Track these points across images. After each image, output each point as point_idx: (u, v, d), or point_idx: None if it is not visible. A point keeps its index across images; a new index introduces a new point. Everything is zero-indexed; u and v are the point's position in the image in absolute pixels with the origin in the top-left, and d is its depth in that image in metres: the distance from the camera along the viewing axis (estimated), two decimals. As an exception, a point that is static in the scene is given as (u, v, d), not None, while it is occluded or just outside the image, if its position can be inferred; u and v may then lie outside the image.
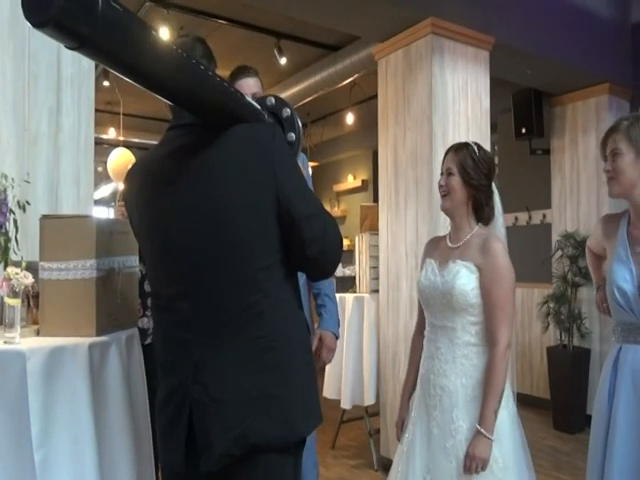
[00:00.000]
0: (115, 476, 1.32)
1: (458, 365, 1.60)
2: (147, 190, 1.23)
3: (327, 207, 8.01)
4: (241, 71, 1.93)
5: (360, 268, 3.73)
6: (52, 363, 1.23)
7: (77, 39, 0.78)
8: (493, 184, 1.72)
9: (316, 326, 2.00)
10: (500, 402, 1.55)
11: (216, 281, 1.14)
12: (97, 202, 10.14)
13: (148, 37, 0.90)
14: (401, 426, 1.79)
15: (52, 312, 1.41)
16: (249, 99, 1.28)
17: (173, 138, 1.24)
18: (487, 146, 3.41)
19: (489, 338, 1.59)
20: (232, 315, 1.13)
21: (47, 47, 1.94)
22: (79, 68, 2.02)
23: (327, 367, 3.55)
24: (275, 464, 1.14)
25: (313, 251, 1.15)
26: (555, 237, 4.47)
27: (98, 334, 1.39)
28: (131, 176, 1.30)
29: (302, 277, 1.91)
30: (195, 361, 1.14)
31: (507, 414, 1.59)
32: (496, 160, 5.43)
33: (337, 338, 1.97)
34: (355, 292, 3.73)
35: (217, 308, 1.14)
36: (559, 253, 4.28)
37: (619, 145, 1.56)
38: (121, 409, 1.37)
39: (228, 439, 1.10)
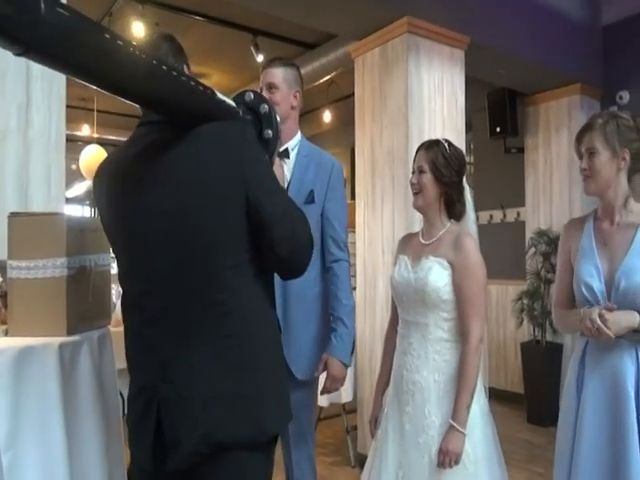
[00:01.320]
0: (86, 477, 1.30)
1: (430, 361, 1.62)
2: (116, 188, 1.23)
3: (305, 205, 8.01)
4: (270, 60, 1.89)
5: (337, 266, 3.73)
6: (21, 363, 1.21)
7: (20, 45, 0.76)
8: (464, 180, 1.73)
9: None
10: (473, 397, 1.57)
11: (183, 279, 1.14)
12: (71, 200, 9.95)
13: (102, 40, 0.89)
14: (374, 423, 1.80)
15: (21, 311, 1.38)
16: (221, 96, 1.26)
17: (142, 135, 1.23)
18: (462, 144, 3.45)
19: (461, 333, 1.60)
20: (199, 313, 1.13)
21: (16, 41, 1.89)
22: (49, 63, 1.98)
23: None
24: (244, 461, 1.14)
25: (282, 251, 1.15)
26: (529, 234, 4.55)
27: (69, 334, 1.37)
28: (100, 174, 1.29)
29: (317, 287, 1.80)
30: (163, 359, 1.14)
31: (478, 408, 1.61)
32: (471, 159, 5.50)
33: (347, 367, 1.80)
34: (332, 290, 3.73)
35: (184, 306, 1.14)
36: (532, 250, 4.35)
37: (595, 144, 1.56)
38: (92, 409, 1.36)
39: (195, 437, 1.10)
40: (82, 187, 9.22)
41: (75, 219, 1.50)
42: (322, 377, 1.83)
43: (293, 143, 1.90)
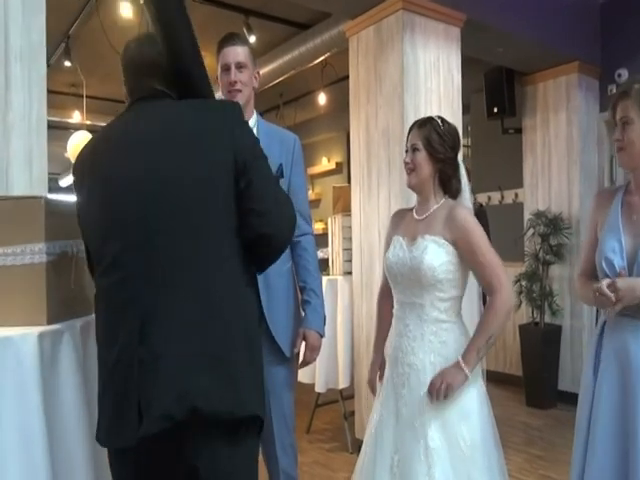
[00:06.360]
0: (70, 475, 1.25)
1: (426, 342, 1.58)
2: (106, 154, 1.25)
3: (301, 190, 7.93)
4: (227, 38, 1.84)
5: (333, 250, 3.68)
6: (-2, 354, 1.15)
7: None
8: (459, 157, 1.69)
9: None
10: (488, 345, 1.54)
11: (173, 230, 1.14)
12: (66, 190, 9.85)
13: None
14: (375, 379, 1.79)
15: (-1, 300, 1.32)
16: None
17: (133, 110, 1.28)
18: (459, 124, 3.38)
19: (488, 290, 1.56)
20: (187, 263, 1.13)
21: (-8, 19, 1.81)
22: (29, 42, 1.89)
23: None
24: (227, 449, 1.11)
25: (262, 224, 1.18)
26: (527, 216, 4.50)
27: (50, 322, 1.31)
28: (86, 147, 1.31)
29: (289, 262, 1.86)
30: (142, 316, 1.11)
31: (475, 392, 1.58)
32: (469, 141, 5.42)
33: (322, 337, 1.87)
34: (328, 275, 3.69)
35: (172, 255, 1.13)
36: (531, 231, 4.30)
37: (630, 113, 1.45)
38: (76, 402, 1.29)
39: (169, 398, 1.06)
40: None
41: (55, 202, 1.43)
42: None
43: (252, 123, 1.88)
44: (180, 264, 1.13)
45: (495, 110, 4.60)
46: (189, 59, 1.24)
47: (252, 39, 4.37)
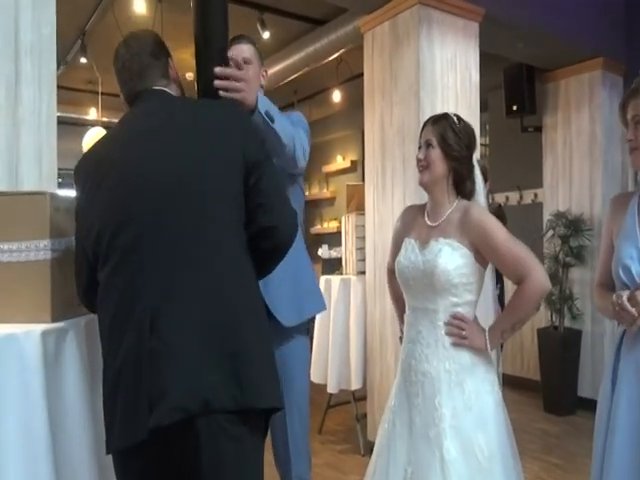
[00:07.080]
0: (73, 475, 1.22)
1: (440, 349, 1.52)
2: (114, 148, 1.27)
3: (316, 189, 7.90)
4: (234, 38, 1.85)
5: (346, 249, 3.63)
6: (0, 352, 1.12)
7: None
8: (474, 158, 1.62)
9: None
10: (514, 330, 1.52)
11: (180, 219, 1.15)
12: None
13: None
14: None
15: (2, 297, 1.29)
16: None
17: (138, 109, 1.31)
18: (477, 122, 3.31)
19: (518, 282, 1.51)
20: (191, 250, 1.14)
21: (3, 12, 1.79)
22: (39, 35, 1.87)
23: (314, 350, 3.48)
24: (231, 447, 1.09)
25: (268, 219, 1.21)
26: (546, 216, 4.40)
27: (54, 320, 1.28)
28: (90, 149, 1.33)
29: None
30: (151, 312, 1.10)
31: (492, 400, 1.52)
32: (487, 140, 5.33)
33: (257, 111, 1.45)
34: (341, 274, 3.64)
35: (176, 244, 1.14)
36: (550, 233, 4.20)
37: None
38: (80, 401, 1.26)
39: (182, 389, 1.06)
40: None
41: (60, 198, 1.40)
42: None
43: None
44: (190, 259, 1.14)
45: (514, 108, 4.51)
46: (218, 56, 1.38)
47: (266, 35, 4.34)
